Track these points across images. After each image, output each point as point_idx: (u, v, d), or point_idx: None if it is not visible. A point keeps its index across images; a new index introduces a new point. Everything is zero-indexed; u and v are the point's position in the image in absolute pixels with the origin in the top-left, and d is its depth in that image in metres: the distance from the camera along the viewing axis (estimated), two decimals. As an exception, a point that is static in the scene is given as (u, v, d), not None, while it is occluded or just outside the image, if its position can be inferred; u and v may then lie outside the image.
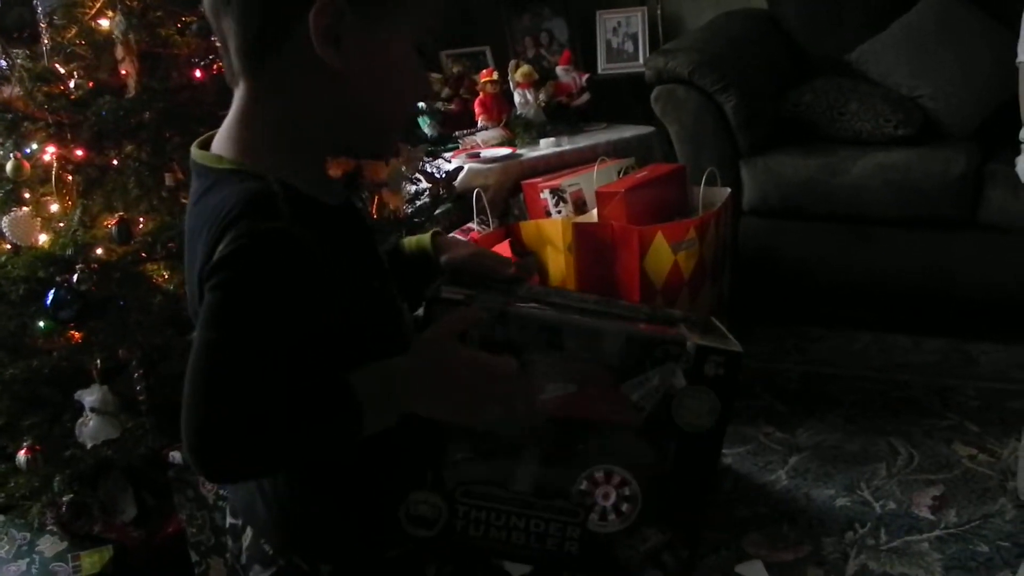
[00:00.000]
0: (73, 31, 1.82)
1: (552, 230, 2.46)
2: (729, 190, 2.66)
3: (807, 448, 2.37)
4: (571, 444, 1.03)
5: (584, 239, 2.41)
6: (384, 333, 1.04)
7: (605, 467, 1.03)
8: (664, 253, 2.36)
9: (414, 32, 1.02)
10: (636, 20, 3.78)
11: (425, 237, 1.24)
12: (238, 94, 1.01)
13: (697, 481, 1.04)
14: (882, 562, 1.94)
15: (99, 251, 1.86)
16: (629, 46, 3.77)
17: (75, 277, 1.78)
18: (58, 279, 1.80)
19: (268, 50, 0.97)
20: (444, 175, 2.39)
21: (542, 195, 2.74)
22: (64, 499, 1.88)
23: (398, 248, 1.26)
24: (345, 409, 0.91)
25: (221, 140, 1.02)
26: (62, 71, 1.84)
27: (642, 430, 1.01)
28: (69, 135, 1.85)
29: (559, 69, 3.45)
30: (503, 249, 2.44)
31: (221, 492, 1.82)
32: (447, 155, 2.93)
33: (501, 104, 3.29)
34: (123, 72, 1.78)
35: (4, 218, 1.86)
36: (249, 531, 1.12)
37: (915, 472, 2.23)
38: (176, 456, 1.85)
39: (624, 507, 1.03)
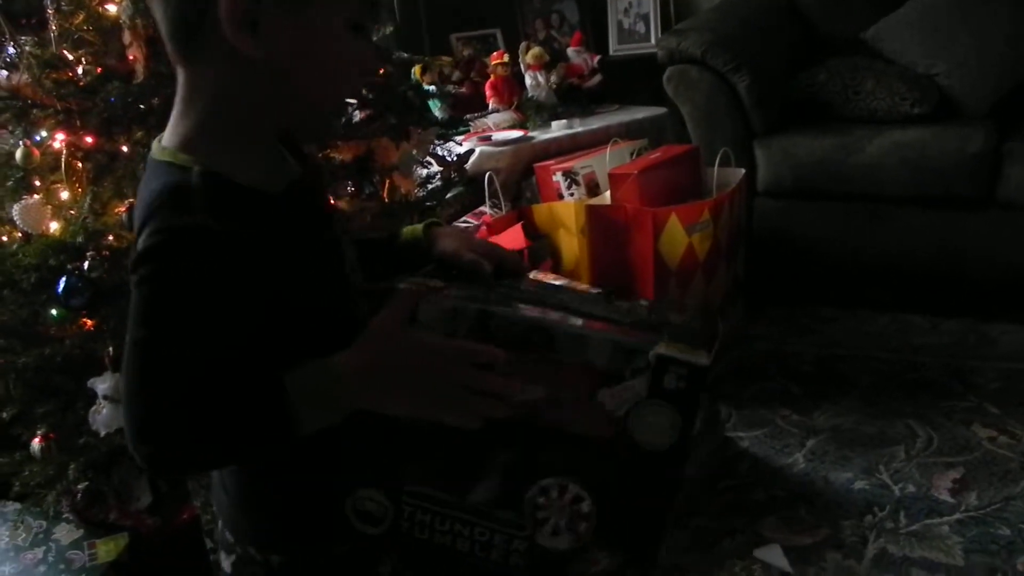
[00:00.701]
0: (81, 17, 1.80)
1: (565, 213, 2.44)
2: (743, 171, 2.64)
3: (824, 430, 2.34)
4: (534, 452, 0.97)
5: (597, 221, 2.39)
6: (335, 323, 1.02)
7: (560, 480, 0.97)
8: (678, 235, 2.34)
9: (343, 10, 0.97)
10: (647, 0, 3.74)
11: (419, 227, 1.22)
12: (178, 82, 1.00)
13: (656, 504, 0.97)
14: (902, 545, 1.92)
15: (110, 238, 1.85)
16: (641, 27, 3.75)
17: (86, 264, 1.77)
18: (69, 267, 1.78)
19: (191, 37, 0.95)
20: (455, 158, 2.38)
21: (554, 178, 2.72)
22: (79, 487, 1.88)
23: (394, 237, 1.24)
24: (276, 409, 0.90)
25: (167, 130, 1.01)
26: (70, 57, 1.82)
27: (609, 444, 0.94)
28: (78, 122, 1.83)
29: (570, 51, 3.42)
30: (515, 232, 2.42)
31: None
32: (458, 138, 2.91)
33: (512, 87, 3.27)
34: (131, 57, 1.77)
35: (15, 206, 1.85)
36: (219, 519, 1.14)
37: (934, 454, 2.21)
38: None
39: (580, 526, 0.98)
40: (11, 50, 1.88)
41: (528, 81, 3.27)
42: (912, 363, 2.63)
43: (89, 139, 1.84)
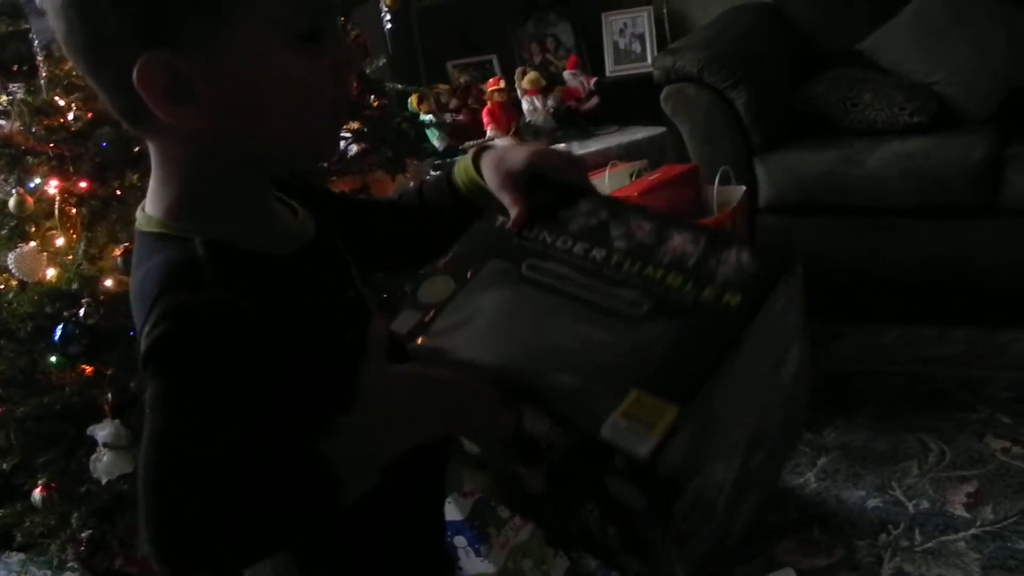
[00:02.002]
0: (70, 63, 1.80)
1: (566, 238, 2.42)
2: (744, 188, 2.62)
3: (835, 448, 2.32)
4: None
5: (598, 246, 2.37)
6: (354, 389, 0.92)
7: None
8: (681, 256, 2.31)
9: (276, 25, 0.84)
10: (642, 20, 3.74)
11: (471, 169, 1.07)
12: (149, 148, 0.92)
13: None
14: (918, 564, 1.89)
15: (107, 283, 1.84)
16: (636, 47, 3.74)
17: (82, 311, 1.76)
18: (66, 314, 1.78)
19: (135, 116, 0.86)
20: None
21: (554, 203, 2.70)
22: (83, 535, 1.86)
23: (451, 186, 1.10)
24: (320, 484, 0.81)
25: (149, 197, 0.92)
26: (61, 103, 1.82)
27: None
28: (71, 167, 1.83)
29: (567, 74, 3.42)
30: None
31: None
32: (457, 166, 2.90)
33: (510, 112, 3.26)
34: (121, 101, 1.76)
35: (10, 254, 1.84)
36: None
37: (947, 469, 2.18)
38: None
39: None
40: (2, 98, 1.88)
41: (525, 106, 3.26)
42: (922, 376, 2.60)
43: (83, 184, 1.84)
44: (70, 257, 1.84)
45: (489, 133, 3.23)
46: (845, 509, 2.10)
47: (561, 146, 3.06)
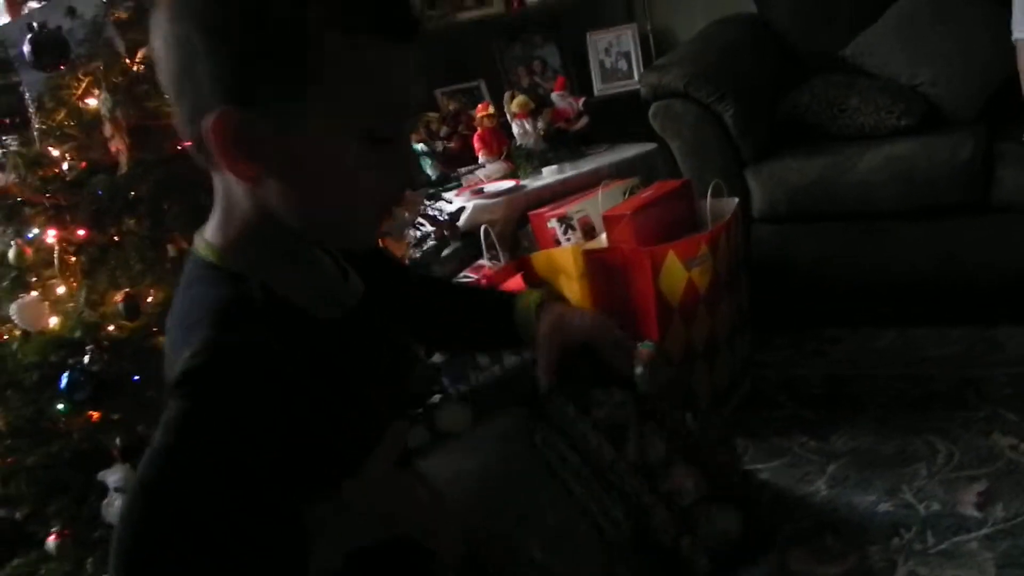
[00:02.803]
0: (62, 113, 1.82)
1: (563, 259, 2.44)
2: (737, 200, 2.64)
3: (843, 454, 2.32)
4: None
5: (595, 266, 2.39)
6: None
7: None
8: (678, 271, 2.33)
9: (353, 121, 0.86)
10: (627, 38, 3.77)
11: (534, 302, 1.12)
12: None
13: None
14: (932, 567, 1.89)
15: (110, 329, 1.86)
16: (623, 64, 3.76)
17: (87, 358, 1.78)
18: (71, 361, 1.79)
19: (200, 146, 0.88)
20: (447, 216, 2.38)
21: (549, 224, 2.73)
22: (98, 581, 1.87)
23: (508, 306, 1.15)
24: (291, 552, 0.81)
25: (210, 226, 0.94)
26: (55, 153, 1.84)
27: None
28: (68, 216, 1.85)
29: (555, 95, 3.44)
30: (516, 283, 2.42)
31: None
32: (450, 194, 2.92)
33: (500, 137, 3.28)
34: (114, 149, 1.78)
35: (12, 305, 1.86)
36: None
37: (956, 469, 2.18)
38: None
39: None
40: (-3, 151, 1.90)
41: (515, 130, 3.28)
42: (922, 376, 2.61)
43: (80, 232, 1.86)
44: (72, 305, 1.85)
45: (481, 159, 3.25)
46: (857, 515, 2.10)
47: (553, 168, 3.08)
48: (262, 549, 0.80)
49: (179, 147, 1.90)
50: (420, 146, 3.12)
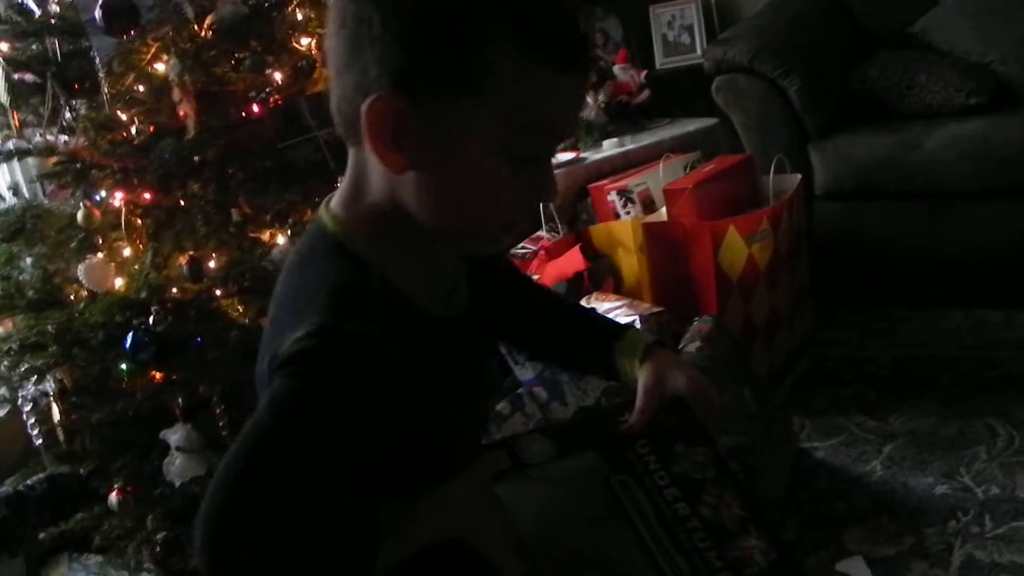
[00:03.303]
0: (131, 77, 1.85)
1: (622, 232, 2.43)
2: (800, 176, 2.60)
3: (901, 435, 2.29)
4: None
5: (655, 239, 2.37)
6: (447, 448, 0.97)
7: None
8: (738, 247, 2.31)
9: (504, 138, 0.86)
10: (690, 11, 3.72)
11: (641, 346, 1.13)
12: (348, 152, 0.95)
13: None
14: (989, 551, 1.86)
15: (173, 291, 1.89)
16: (685, 38, 3.72)
17: (151, 319, 1.81)
18: (135, 322, 1.83)
19: (350, 125, 0.89)
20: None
21: (609, 197, 2.71)
22: (158, 537, 1.91)
23: (611, 340, 1.15)
24: (366, 545, 0.82)
25: (338, 199, 0.95)
26: (123, 118, 1.87)
27: None
28: (135, 180, 1.88)
29: (616, 68, 3.41)
30: (574, 255, 2.42)
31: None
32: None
33: (561, 109, 3.25)
34: (182, 113, 1.81)
35: (80, 266, 1.90)
36: None
37: (1017, 453, 2.14)
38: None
39: None
40: (67, 115, 1.94)
41: (577, 102, 3.26)
42: (988, 360, 2.56)
43: (147, 196, 1.89)
44: (137, 267, 1.89)
45: (541, 130, 3.24)
46: (913, 496, 2.07)
47: (614, 141, 3.07)
48: (344, 535, 0.81)
49: (244, 113, 1.94)
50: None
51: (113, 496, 1.89)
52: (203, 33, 1.87)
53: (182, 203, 1.90)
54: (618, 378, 1.15)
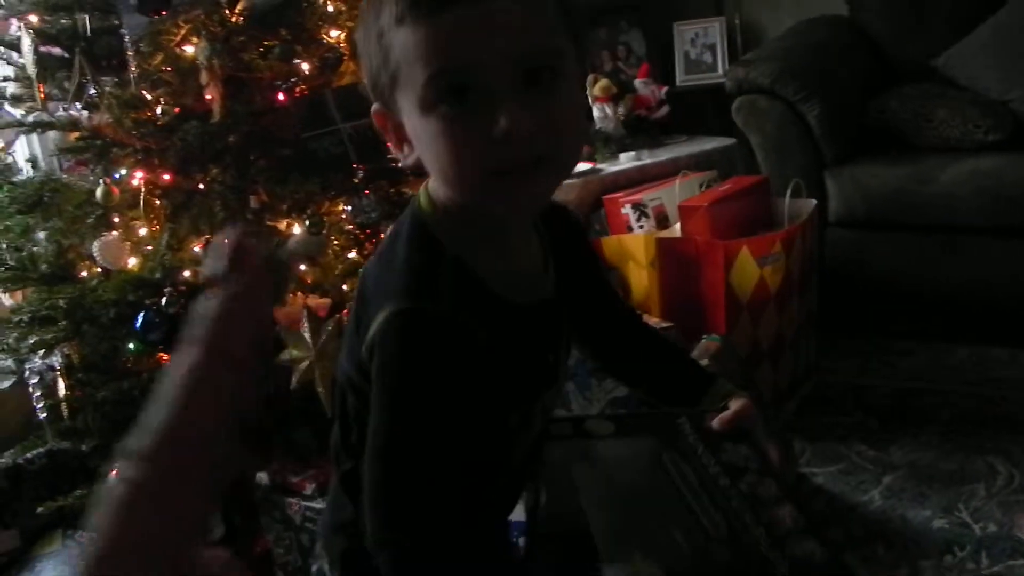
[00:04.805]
0: (159, 58, 1.85)
1: (634, 245, 2.43)
2: (815, 202, 2.61)
3: (901, 467, 2.29)
4: None
5: (667, 254, 2.38)
6: (497, 444, 1.02)
7: None
8: (750, 268, 2.31)
9: (418, 97, 0.93)
10: (714, 30, 3.73)
11: (731, 391, 1.21)
12: None
13: None
14: (985, 587, 1.87)
15: (186, 273, 1.89)
16: (708, 57, 3.73)
17: (163, 300, 1.81)
18: (147, 302, 1.82)
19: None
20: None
21: (623, 210, 2.72)
22: (154, 519, 1.90)
23: (707, 383, 1.23)
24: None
25: (432, 183, 1.03)
26: (149, 97, 1.87)
27: None
28: (156, 160, 1.88)
29: (638, 82, 3.41)
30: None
31: (307, 514, 1.83)
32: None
33: (580, 119, 3.26)
34: (208, 97, 1.81)
35: (95, 242, 1.90)
36: None
37: (1016, 492, 2.14)
38: (264, 477, 1.86)
39: None
40: (92, 91, 1.93)
41: (596, 113, 3.27)
42: (992, 397, 2.56)
43: (167, 177, 1.89)
44: (152, 247, 1.88)
45: (559, 139, 3.24)
46: (910, 528, 2.07)
47: (631, 154, 3.07)
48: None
49: (269, 101, 1.94)
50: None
51: (113, 475, 1.88)
52: (234, 18, 1.87)
53: (201, 186, 1.90)
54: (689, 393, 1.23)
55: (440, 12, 0.90)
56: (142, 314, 1.81)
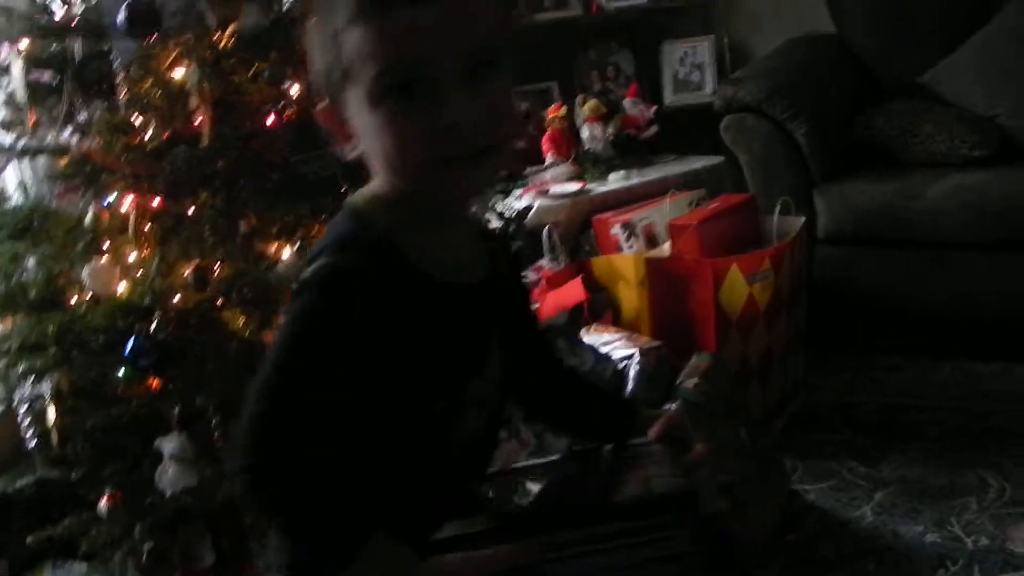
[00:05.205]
0: (149, 83, 1.85)
1: (624, 265, 2.44)
2: (803, 219, 2.62)
3: (892, 482, 2.30)
4: None
5: (657, 273, 2.38)
6: (432, 434, 1.07)
7: None
8: (739, 285, 2.32)
9: (367, 92, 0.98)
10: (702, 50, 3.75)
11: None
12: None
13: None
14: (978, 602, 1.87)
15: (177, 299, 1.88)
16: (696, 76, 3.75)
17: (153, 326, 1.80)
18: (137, 327, 1.82)
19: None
20: (515, 214, 2.39)
21: (613, 230, 2.73)
22: (145, 547, 1.89)
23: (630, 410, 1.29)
24: (345, 551, 0.94)
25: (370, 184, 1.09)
26: (138, 122, 1.87)
27: None
28: (146, 185, 1.87)
29: (627, 102, 3.43)
30: (575, 285, 2.42)
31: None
32: (516, 192, 2.93)
33: (569, 139, 3.28)
34: (197, 121, 1.81)
35: (85, 268, 1.89)
36: None
37: (1008, 505, 2.15)
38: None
39: None
40: (82, 116, 1.93)
41: (585, 133, 3.28)
42: (981, 411, 2.57)
43: (156, 202, 1.88)
44: (141, 272, 1.88)
45: (549, 159, 3.26)
46: (902, 544, 2.07)
47: (620, 174, 3.08)
48: (329, 530, 0.95)
49: (258, 125, 1.94)
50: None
51: (103, 503, 1.87)
52: (223, 42, 1.87)
53: (191, 211, 1.89)
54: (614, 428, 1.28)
55: (391, 11, 0.96)
56: (132, 340, 1.80)
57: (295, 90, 1.94)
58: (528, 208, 2.76)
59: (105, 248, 1.92)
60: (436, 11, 0.96)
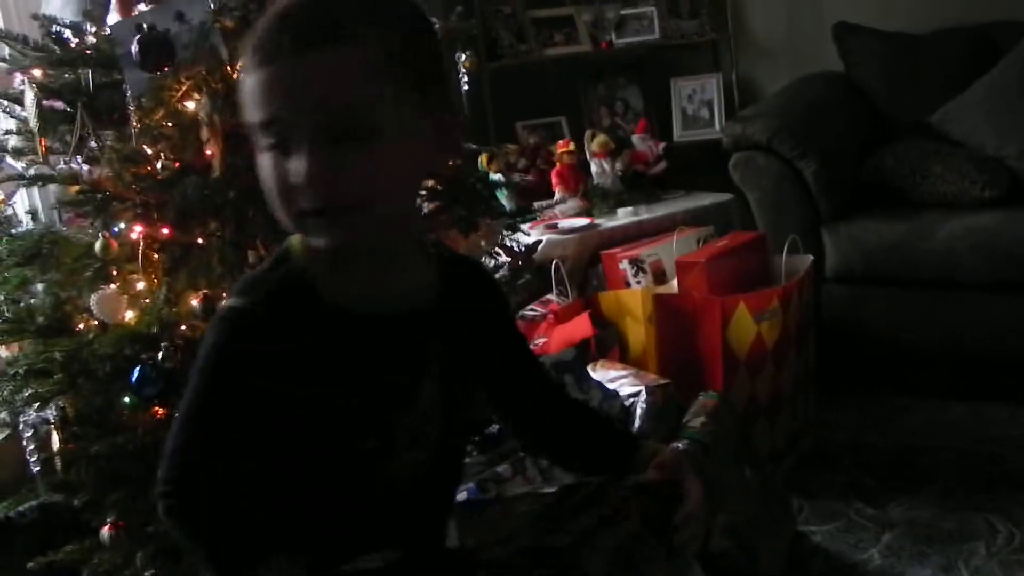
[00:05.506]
0: (160, 113, 1.86)
1: (632, 301, 2.43)
2: (811, 258, 2.62)
3: (900, 525, 2.27)
4: None
5: (664, 310, 2.38)
6: (350, 464, 1.09)
7: None
8: (747, 324, 2.31)
9: (253, 131, 1.04)
10: (711, 86, 3.77)
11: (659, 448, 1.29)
12: None
13: None
14: (986, 649, 1.84)
15: (183, 328, 1.88)
16: (705, 113, 3.76)
17: (160, 355, 1.80)
18: (143, 356, 1.82)
19: None
20: (523, 248, 2.39)
21: (621, 265, 2.72)
22: (146, 575, 1.88)
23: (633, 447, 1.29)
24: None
25: None
26: (149, 152, 1.88)
27: None
28: (155, 214, 1.88)
29: (635, 138, 3.44)
30: (582, 320, 2.42)
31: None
32: (525, 226, 2.93)
33: (578, 174, 3.29)
34: (208, 152, 1.81)
35: (93, 296, 1.89)
36: None
37: (1017, 551, 2.12)
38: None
39: None
40: (93, 144, 1.94)
41: (594, 168, 3.29)
42: (992, 455, 2.55)
43: (165, 231, 1.89)
44: (149, 301, 1.88)
45: (557, 194, 3.26)
46: (910, 588, 2.05)
47: (628, 210, 3.09)
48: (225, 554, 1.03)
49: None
50: (498, 176, 3.15)
51: (105, 530, 1.87)
52: (235, 74, 1.87)
53: (200, 241, 1.90)
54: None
55: (263, 66, 1.00)
56: (138, 368, 1.80)
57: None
58: (537, 242, 2.76)
59: (113, 276, 1.92)
60: (293, 70, 0.99)
